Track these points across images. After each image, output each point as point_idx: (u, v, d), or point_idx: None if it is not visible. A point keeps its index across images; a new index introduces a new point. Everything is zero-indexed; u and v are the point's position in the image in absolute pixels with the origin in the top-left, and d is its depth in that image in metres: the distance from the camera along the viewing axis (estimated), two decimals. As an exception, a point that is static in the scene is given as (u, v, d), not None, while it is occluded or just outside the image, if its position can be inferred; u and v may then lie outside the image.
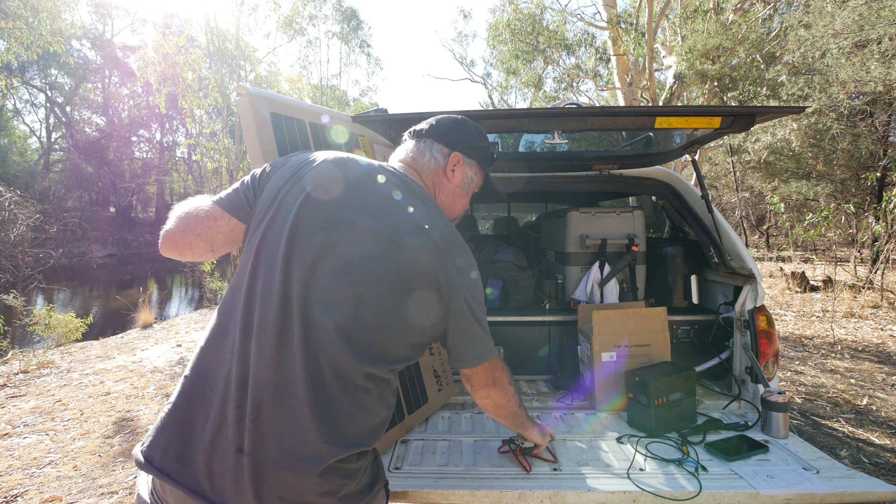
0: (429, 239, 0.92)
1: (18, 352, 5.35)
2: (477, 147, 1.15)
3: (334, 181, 0.94)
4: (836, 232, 8.68)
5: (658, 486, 1.34)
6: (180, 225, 0.97)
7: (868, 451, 2.74)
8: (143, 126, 28.89)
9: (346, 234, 0.88)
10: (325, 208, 0.90)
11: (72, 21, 10.86)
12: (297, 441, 0.80)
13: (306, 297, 0.84)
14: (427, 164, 1.09)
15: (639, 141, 2.49)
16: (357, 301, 0.86)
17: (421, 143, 1.11)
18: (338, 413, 0.84)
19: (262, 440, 0.79)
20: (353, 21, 23.87)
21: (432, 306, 0.93)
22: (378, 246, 0.88)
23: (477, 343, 1.02)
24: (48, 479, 2.56)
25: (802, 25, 8.61)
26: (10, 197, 7.12)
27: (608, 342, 1.92)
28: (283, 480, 0.78)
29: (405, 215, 0.93)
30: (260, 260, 0.88)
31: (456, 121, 1.16)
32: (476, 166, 1.16)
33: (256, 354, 0.82)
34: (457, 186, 1.12)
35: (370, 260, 0.87)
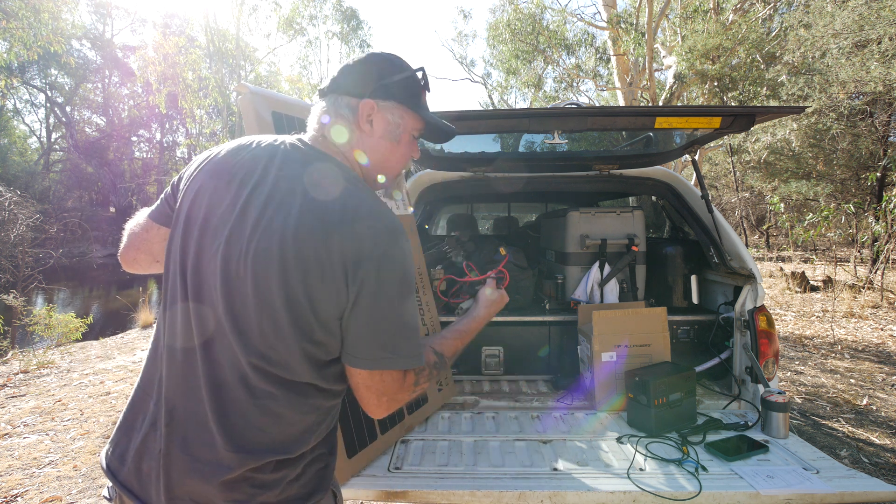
0: (324, 217, 0.78)
1: (18, 352, 5.35)
2: (392, 84, 0.92)
3: (226, 173, 0.85)
4: (836, 232, 8.68)
5: (658, 486, 1.34)
6: (126, 241, 0.99)
7: (868, 451, 2.74)
8: (143, 126, 28.90)
9: (237, 229, 0.80)
10: (214, 204, 0.83)
11: (72, 21, 10.87)
12: (204, 447, 0.79)
13: (201, 300, 0.81)
14: (333, 125, 0.92)
15: (639, 141, 2.49)
16: (249, 301, 0.78)
17: (326, 103, 0.93)
18: (243, 420, 0.79)
19: (174, 444, 0.80)
20: (353, 21, 23.88)
21: (327, 296, 0.77)
22: (265, 239, 0.78)
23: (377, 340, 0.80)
24: (48, 479, 2.56)
25: (802, 25, 8.62)
26: (10, 197, 7.12)
27: (608, 342, 1.92)
28: (192, 485, 0.78)
29: (296, 197, 0.80)
30: (168, 266, 0.87)
31: (360, 62, 0.94)
32: (399, 107, 0.93)
33: (168, 359, 0.83)
34: (381, 138, 0.93)
35: (260, 255, 0.77)
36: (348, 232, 0.77)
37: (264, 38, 26.46)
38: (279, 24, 19.47)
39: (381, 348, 0.80)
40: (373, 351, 0.80)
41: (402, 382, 0.83)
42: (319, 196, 0.81)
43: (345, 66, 0.95)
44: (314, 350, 0.80)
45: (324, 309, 0.78)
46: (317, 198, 0.80)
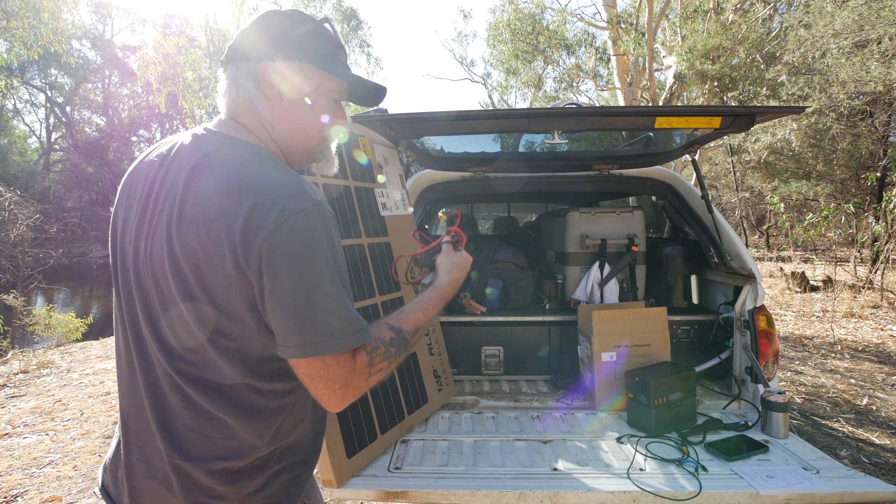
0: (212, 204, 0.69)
1: (18, 352, 5.35)
2: (293, 41, 0.81)
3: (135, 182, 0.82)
4: (836, 232, 8.68)
5: (658, 486, 1.34)
6: None
7: (868, 451, 2.74)
8: (143, 126, 28.88)
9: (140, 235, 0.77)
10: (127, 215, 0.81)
11: (72, 21, 10.87)
12: (156, 455, 0.79)
13: (129, 311, 0.80)
14: (237, 100, 0.82)
15: (639, 141, 2.49)
16: (156, 306, 0.75)
17: (227, 76, 0.83)
18: (184, 426, 0.76)
19: (132, 453, 0.81)
20: (353, 21, 23.88)
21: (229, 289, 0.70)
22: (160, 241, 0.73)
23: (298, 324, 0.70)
24: (48, 479, 2.56)
25: (802, 25, 8.62)
26: (10, 197, 7.12)
27: (608, 342, 1.92)
28: (152, 492, 0.79)
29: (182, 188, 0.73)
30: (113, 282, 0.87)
31: (255, 23, 0.83)
32: (307, 66, 0.81)
33: (118, 372, 0.84)
34: (291, 103, 0.82)
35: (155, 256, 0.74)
36: (234, 213, 0.68)
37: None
38: (279, 24, 19.45)
39: (307, 332, 0.69)
40: (298, 336, 0.70)
41: (350, 366, 0.73)
42: (204, 181, 0.72)
43: (241, 30, 0.84)
44: (231, 346, 0.73)
45: (226, 300, 0.71)
46: (201, 184, 0.72)
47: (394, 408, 1.72)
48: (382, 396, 1.68)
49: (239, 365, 0.75)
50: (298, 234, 0.69)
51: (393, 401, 1.73)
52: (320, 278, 0.70)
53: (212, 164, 0.74)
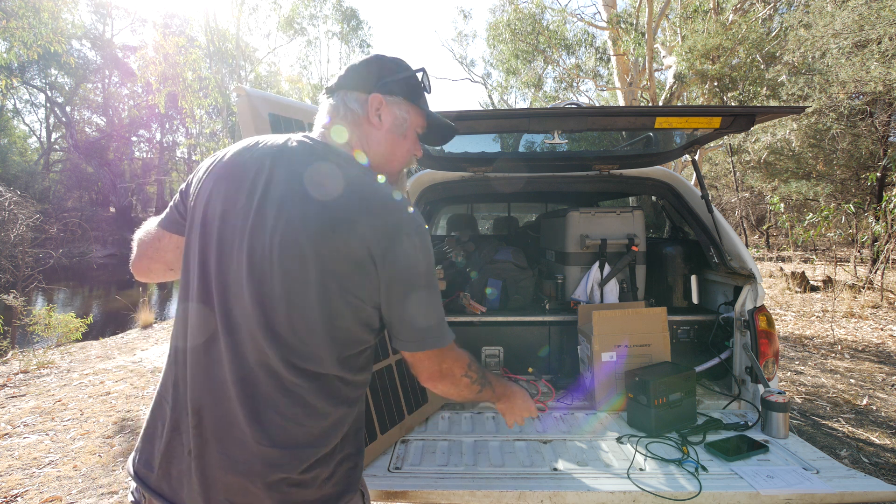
0: (344, 208, 0.80)
1: (18, 352, 5.35)
2: (398, 81, 0.98)
3: (237, 173, 0.87)
4: (836, 232, 8.68)
5: (658, 486, 1.34)
6: (137, 251, 1.01)
7: (868, 451, 2.74)
8: (143, 126, 28.90)
9: (258, 228, 0.82)
10: (230, 205, 0.85)
11: (72, 21, 10.87)
12: (236, 445, 0.80)
13: (226, 300, 0.83)
14: (344, 119, 0.95)
15: (639, 141, 2.49)
16: (278, 297, 0.80)
17: (335, 99, 0.96)
18: (277, 414, 0.80)
19: (206, 444, 0.81)
20: (353, 21, 23.89)
21: (357, 285, 0.81)
22: (288, 233, 0.80)
23: (420, 323, 0.85)
24: (48, 479, 2.56)
25: (802, 25, 8.62)
26: (10, 197, 7.12)
27: (608, 342, 1.92)
28: (228, 483, 0.79)
29: (315, 190, 0.82)
30: (188, 270, 0.88)
31: (365, 61, 0.99)
32: (405, 103, 0.98)
33: (192, 361, 0.85)
34: (388, 132, 0.97)
35: (281, 250, 0.79)
36: (371, 221, 0.80)
37: (264, 38, 26.48)
38: (279, 23, 19.48)
39: (430, 327, 0.86)
40: (422, 331, 0.85)
41: (454, 355, 0.92)
42: (337, 188, 0.83)
43: (351, 65, 0.99)
44: (340, 337, 0.83)
45: (355, 297, 0.81)
46: (335, 190, 0.82)
47: (394, 408, 1.72)
48: (382, 397, 1.68)
49: (339, 358, 0.84)
50: (422, 244, 0.84)
51: (393, 401, 1.73)
52: (434, 282, 0.87)
53: (340, 175, 0.85)
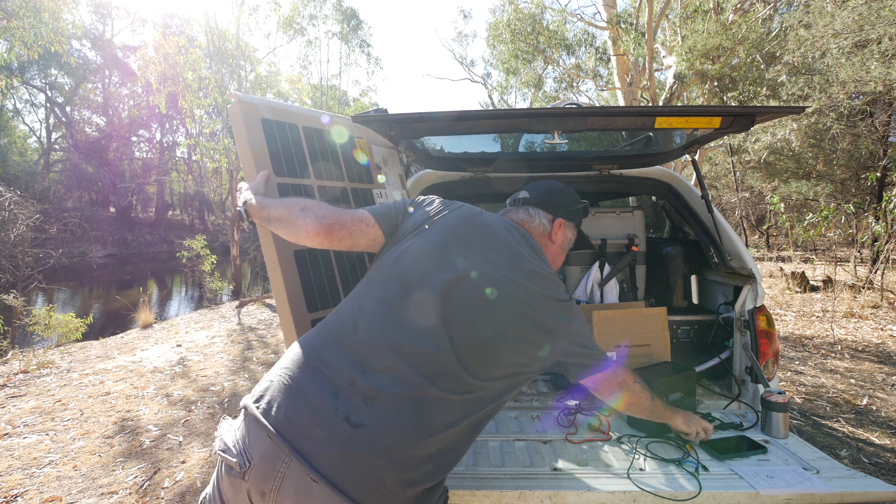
0: (544, 287, 1.10)
1: (18, 352, 5.35)
2: (574, 211, 1.32)
3: (470, 226, 1.14)
4: (836, 232, 8.68)
5: (658, 486, 1.34)
6: (338, 219, 1.14)
7: (868, 451, 2.74)
8: (143, 126, 28.87)
9: (478, 272, 1.04)
10: (462, 244, 1.09)
11: (72, 21, 10.86)
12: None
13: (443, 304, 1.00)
14: (536, 228, 1.28)
15: (639, 141, 2.49)
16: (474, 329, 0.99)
17: (530, 210, 1.29)
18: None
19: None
20: (353, 21, 23.88)
21: (540, 340, 1.08)
22: (502, 286, 1.04)
23: (588, 363, 1.19)
24: (48, 479, 2.56)
25: (802, 25, 8.61)
26: (10, 197, 7.12)
27: (608, 342, 1.92)
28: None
29: (527, 264, 1.11)
30: (401, 267, 1.05)
31: (556, 189, 1.33)
32: (573, 227, 1.34)
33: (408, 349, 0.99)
34: (559, 247, 1.30)
35: (493, 294, 1.02)
36: (552, 295, 1.11)
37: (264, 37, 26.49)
38: (279, 23, 19.47)
39: (598, 363, 1.23)
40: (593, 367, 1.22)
41: (624, 375, 1.29)
42: (542, 275, 1.13)
43: (543, 187, 1.33)
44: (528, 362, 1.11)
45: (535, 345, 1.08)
46: (541, 275, 1.12)
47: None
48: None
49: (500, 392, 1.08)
50: (582, 317, 1.21)
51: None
52: (590, 337, 1.23)
53: (540, 262, 1.17)
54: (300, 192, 1.60)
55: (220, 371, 4.55)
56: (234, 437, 0.89)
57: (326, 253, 1.62)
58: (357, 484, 0.80)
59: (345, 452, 0.81)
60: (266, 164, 1.48)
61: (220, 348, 5.49)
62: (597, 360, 1.20)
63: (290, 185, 1.56)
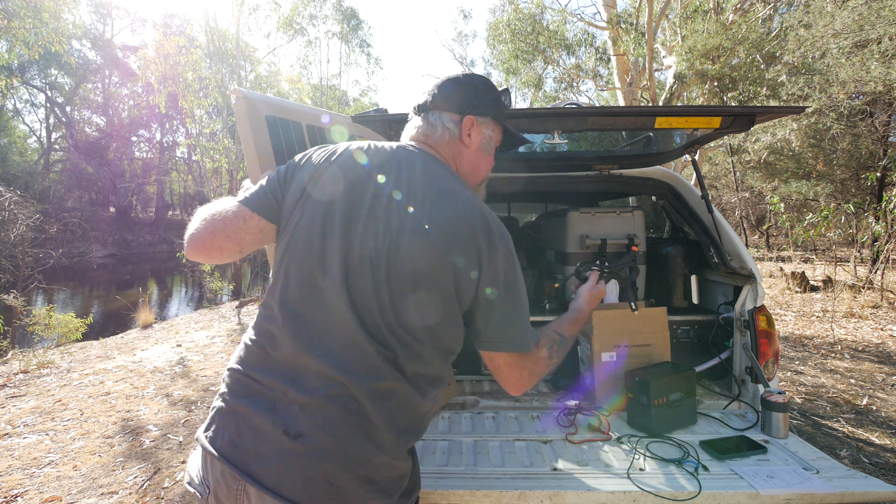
0: (458, 213, 0.90)
1: (18, 352, 5.35)
2: (488, 102, 1.06)
3: (360, 169, 0.95)
4: (836, 232, 8.67)
5: (658, 486, 1.34)
6: (209, 227, 0.97)
7: (868, 451, 2.74)
8: (143, 126, 28.88)
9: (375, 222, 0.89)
10: (355, 196, 0.92)
11: (72, 21, 10.86)
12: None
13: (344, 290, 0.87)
14: (441, 138, 1.03)
15: (639, 141, 2.49)
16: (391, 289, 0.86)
17: (430, 117, 1.05)
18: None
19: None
20: (353, 21, 23.88)
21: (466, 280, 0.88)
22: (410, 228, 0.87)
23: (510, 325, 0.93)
24: (48, 479, 2.56)
25: (802, 25, 8.61)
26: (10, 197, 7.12)
27: (608, 342, 1.92)
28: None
29: (433, 193, 0.91)
30: (293, 251, 0.92)
31: (458, 82, 1.06)
32: (491, 122, 1.08)
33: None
34: (476, 150, 1.07)
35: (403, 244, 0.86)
36: (478, 227, 0.89)
37: (264, 37, 26.48)
38: (279, 23, 19.48)
39: (521, 331, 0.93)
40: (513, 334, 0.93)
41: (537, 356, 0.98)
42: (454, 200, 0.92)
43: (444, 84, 1.07)
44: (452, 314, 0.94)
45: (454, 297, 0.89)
46: (453, 206, 0.91)
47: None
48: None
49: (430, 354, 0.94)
50: (513, 254, 0.94)
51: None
52: (523, 290, 0.95)
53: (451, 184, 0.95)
54: None
55: (220, 371, 4.55)
56: (196, 467, 0.90)
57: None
58: (309, 493, 0.80)
59: (289, 464, 0.80)
60: (269, 160, 1.48)
61: (220, 348, 5.49)
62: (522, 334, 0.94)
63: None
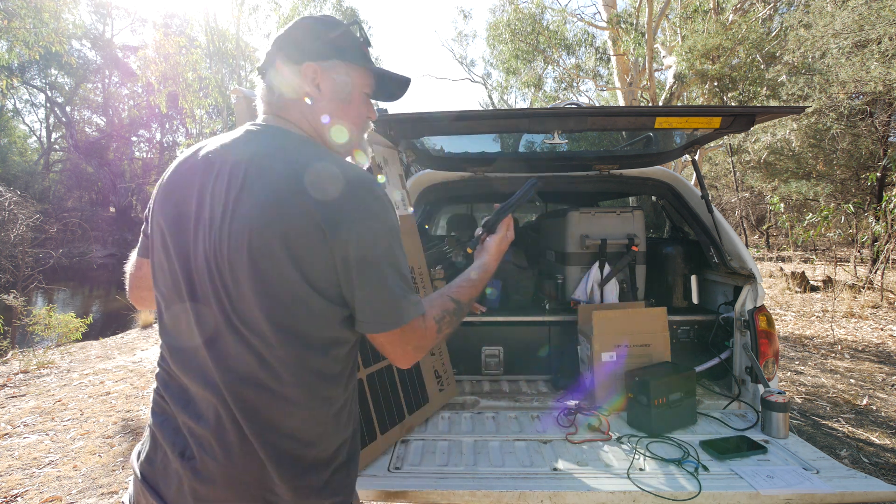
0: (281, 186, 0.75)
1: (18, 352, 5.35)
2: (329, 43, 0.89)
3: (188, 177, 0.83)
4: (836, 232, 8.68)
5: (658, 486, 1.34)
6: (129, 283, 1.02)
7: (868, 451, 2.74)
8: (143, 126, 28.87)
9: (204, 229, 0.78)
10: (185, 210, 0.81)
11: (72, 21, 10.86)
12: None
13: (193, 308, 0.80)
14: (282, 100, 0.88)
15: (639, 141, 2.49)
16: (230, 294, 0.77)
17: (268, 78, 0.90)
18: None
19: None
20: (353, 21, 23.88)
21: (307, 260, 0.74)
22: (232, 222, 0.76)
23: (378, 302, 0.77)
24: (48, 479, 2.56)
25: (802, 25, 8.62)
26: (10, 197, 7.12)
27: (608, 342, 1.92)
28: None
29: (257, 174, 0.77)
30: (157, 284, 0.87)
31: (291, 29, 0.90)
32: (343, 64, 0.90)
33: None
34: (332, 100, 0.89)
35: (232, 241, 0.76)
36: (317, 196, 0.74)
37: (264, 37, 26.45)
38: (279, 23, 19.46)
39: (390, 306, 0.78)
40: (383, 311, 0.78)
41: (423, 329, 0.83)
42: (279, 168, 0.77)
43: (279, 37, 0.90)
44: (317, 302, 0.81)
45: (314, 276, 0.75)
46: (277, 169, 0.77)
47: (394, 408, 1.72)
48: (382, 397, 1.68)
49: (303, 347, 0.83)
50: (377, 214, 0.77)
51: (393, 401, 1.73)
52: (399, 252, 0.79)
53: (281, 155, 0.79)
54: None
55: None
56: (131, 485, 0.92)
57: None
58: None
59: (183, 487, 0.80)
60: None
61: (220, 348, 5.48)
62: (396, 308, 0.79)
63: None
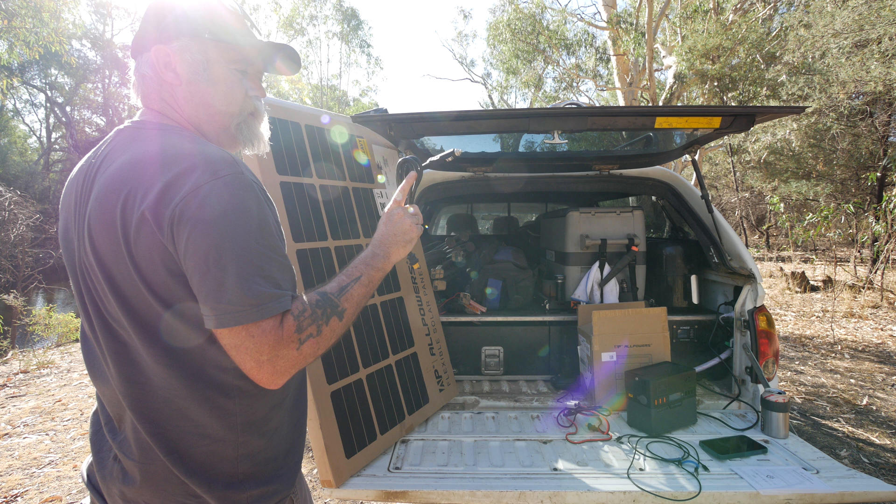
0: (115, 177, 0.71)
1: (18, 352, 5.35)
2: (177, 19, 0.79)
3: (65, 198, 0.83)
4: (836, 232, 8.68)
5: (658, 486, 1.34)
6: None
7: (868, 451, 2.74)
8: (143, 126, 28.87)
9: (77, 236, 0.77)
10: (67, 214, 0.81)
11: (73, 21, 10.86)
12: None
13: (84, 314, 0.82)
14: (143, 91, 0.82)
15: (639, 141, 2.49)
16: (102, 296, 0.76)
17: (133, 72, 0.85)
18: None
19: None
20: (354, 21, 23.90)
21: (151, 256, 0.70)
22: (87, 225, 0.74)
23: (215, 291, 0.68)
24: (48, 479, 2.56)
25: (802, 25, 8.62)
26: (10, 197, 7.13)
27: (608, 342, 1.92)
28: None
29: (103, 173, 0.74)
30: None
31: (145, 15, 0.82)
32: (194, 42, 0.80)
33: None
34: (192, 82, 0.80)
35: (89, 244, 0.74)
36: (147, 184, 0.69)
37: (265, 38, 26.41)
38: (279, 24, 19.50)
39: (223, 300, 0.67)
40: (215, 304, 0.68)
41: (278, 335, 0.70)
42: (119, 161, 0.73)
43: (138, 28, 0.84)
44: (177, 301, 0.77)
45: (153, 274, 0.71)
46: (116, 164, 0.73)
47: (394, 408, 1.72)
48: (382, 397, 1.68)
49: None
50: (214, 199, 0.68)
51: (393, 401, 1.73)
52: (236, 243, 0.68)
53: (124, 146, 0.76)
54: (302, 190, 1.60)
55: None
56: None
57: (328, 253, 1.62)
58: None
59: (117, 489, 0.82)
60: (268, 161, 1.48)
61: (220, 348, 5.48)
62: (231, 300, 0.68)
63: (293, 183, 1.57)
